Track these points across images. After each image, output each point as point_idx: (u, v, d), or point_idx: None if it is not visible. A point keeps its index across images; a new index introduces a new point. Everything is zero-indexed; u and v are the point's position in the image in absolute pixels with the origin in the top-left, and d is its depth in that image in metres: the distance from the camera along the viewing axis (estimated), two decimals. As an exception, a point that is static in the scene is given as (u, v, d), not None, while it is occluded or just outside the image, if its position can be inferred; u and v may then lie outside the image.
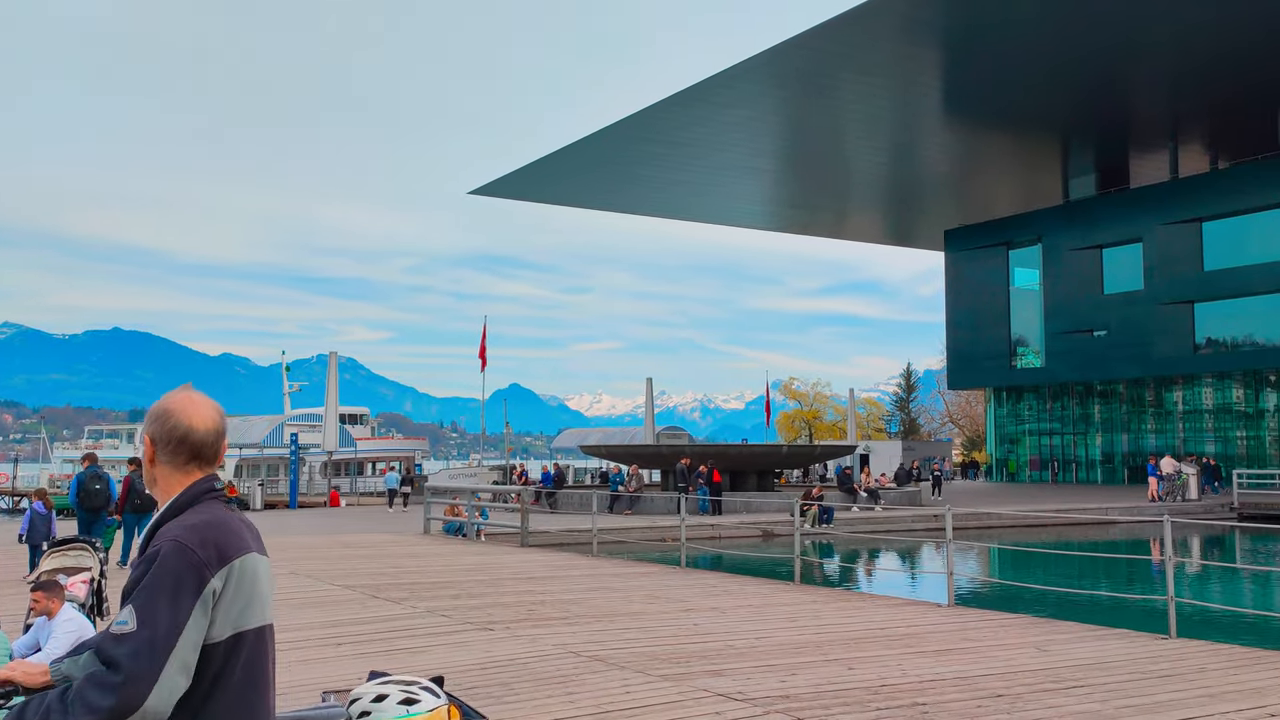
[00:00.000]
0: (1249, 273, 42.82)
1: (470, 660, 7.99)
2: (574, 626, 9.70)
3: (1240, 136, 45.29)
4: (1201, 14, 33.12)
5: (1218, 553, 26.23)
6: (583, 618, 10.28)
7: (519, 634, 9.25)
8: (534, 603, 11.40)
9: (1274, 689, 7.04)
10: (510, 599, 11.71)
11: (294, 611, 10.62)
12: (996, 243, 53.62)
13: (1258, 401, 45.79)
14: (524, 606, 11.08)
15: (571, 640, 8.90)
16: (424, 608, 10.98)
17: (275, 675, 2.61)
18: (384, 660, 7.94)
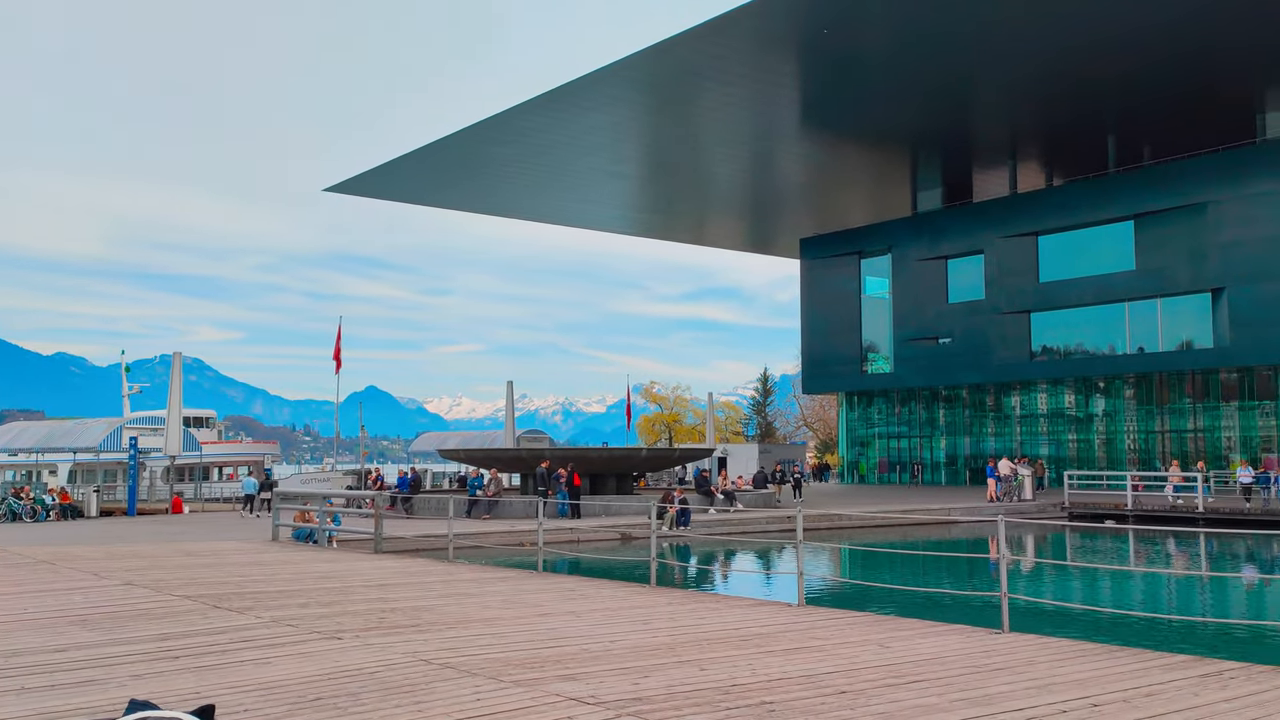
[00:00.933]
0: (1080, 285, 45.36)
1: (316, 670, 7.76)
2: (426, 634, 9.55)
3: (1074, 156, 47.97)
4: (1040, 44, 34.92)
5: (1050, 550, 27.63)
6: (435, 624, 10.13)
7: (369, 642, 9.05)
8: (385, 610, 11.17)
9: (1096, 680, 7.44)
10: (361, 607, 11.45)
11: (126, 624, 10.13)
12: (849, 252, 55.35)
13: (1088, 406, 48.53)
14: (375, 614, 10.85)
15: (423, 648, 8.75)
16: (269, 617, 10.62)
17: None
18: (221, 674, 7.64)
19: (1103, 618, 14.75)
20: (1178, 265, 42.30)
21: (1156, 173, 43.89)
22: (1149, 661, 8.21)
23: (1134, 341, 44.66)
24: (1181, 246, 42.19)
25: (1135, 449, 45.98)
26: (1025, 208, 47.92)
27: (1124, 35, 34.33)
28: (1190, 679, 7.49)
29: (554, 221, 60.17)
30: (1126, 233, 44.03)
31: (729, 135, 45.47)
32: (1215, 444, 43.24)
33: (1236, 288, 40.50)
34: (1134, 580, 20.43)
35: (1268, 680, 7.44)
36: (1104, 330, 45.71)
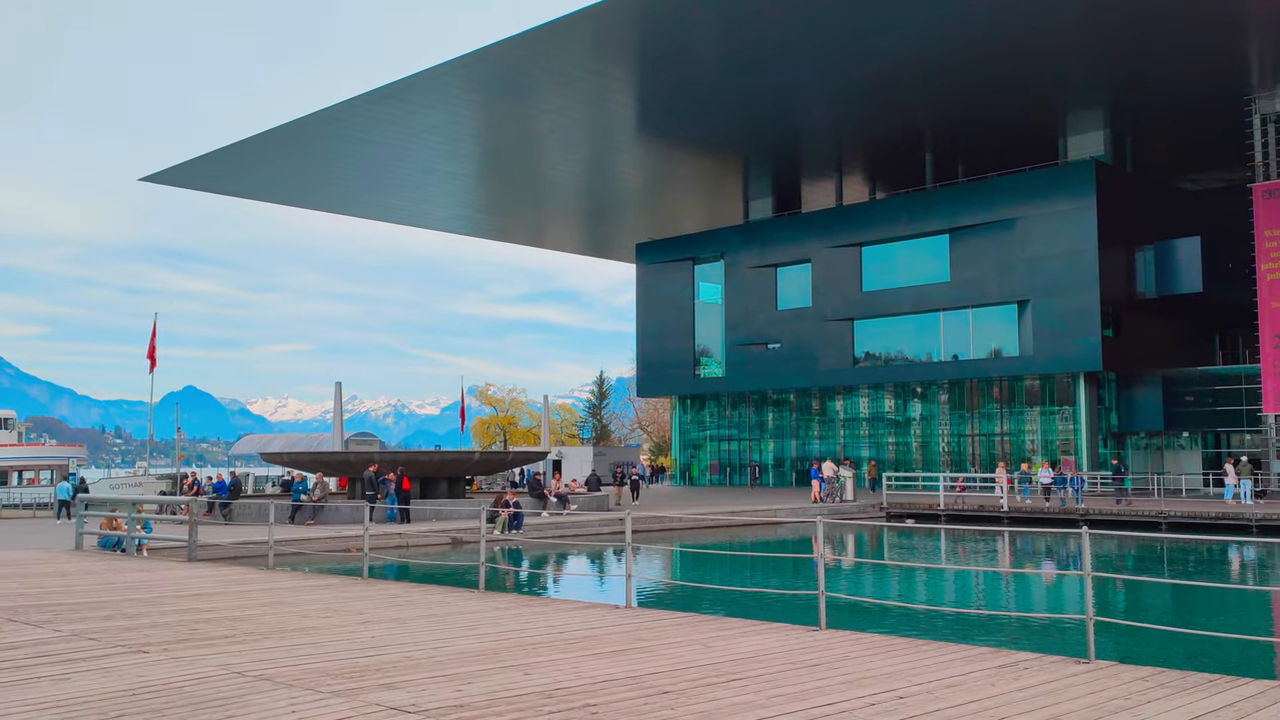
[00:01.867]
0: (899, 294, 47.48)
1: (119, 687, 7.36)
2: (241, 645, 9.18)
3: (895, 171, 50.26)
4: (863, 65, 36.43)
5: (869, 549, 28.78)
6: (251, 635, 9.75)
7: (178, 655, 8.63)
8: (198, 621, 10.69)
9: (903, 673, 7.80)
10: (171, 618, 10.92)
11: (-94, 643, 9.35)
12: (684, 257, 56.28)
13: (906, 411, 50.81)
14: (186, 625, 10.36)
15: (236, 660, 8.41)
16: (69, 630, 10.00)
17: None
18: (15, 692, 7.15)
19: (914, 613, 15.48)
20: (988, 278, 44.78)
21: (970, 189, 46.38)
22: (953, 654, 8.66)
23: (948, 349, 47.00)
24: (992, 260, 44.69)
25: (948, 451, 48.42)
26: (850, 219, 49.82)
27: (940, 61, 36.19)
28: (988, 670, 7.94)
29: (388, 219, 58.95)
30: (942, 246, 46.34)
31: (566, 139, 45.58)
32: (1020, 447, 45.97)
33: (1040, 300, 43.17)
34: (945, 576, 21.49)
35: (1059, 670, 7.96)
36: (921, 338, 47.95)
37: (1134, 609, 17.02)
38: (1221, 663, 11.20)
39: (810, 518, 29.61)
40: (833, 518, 30.29)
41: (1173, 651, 11.89)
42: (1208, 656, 11.61)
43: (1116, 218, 42.48)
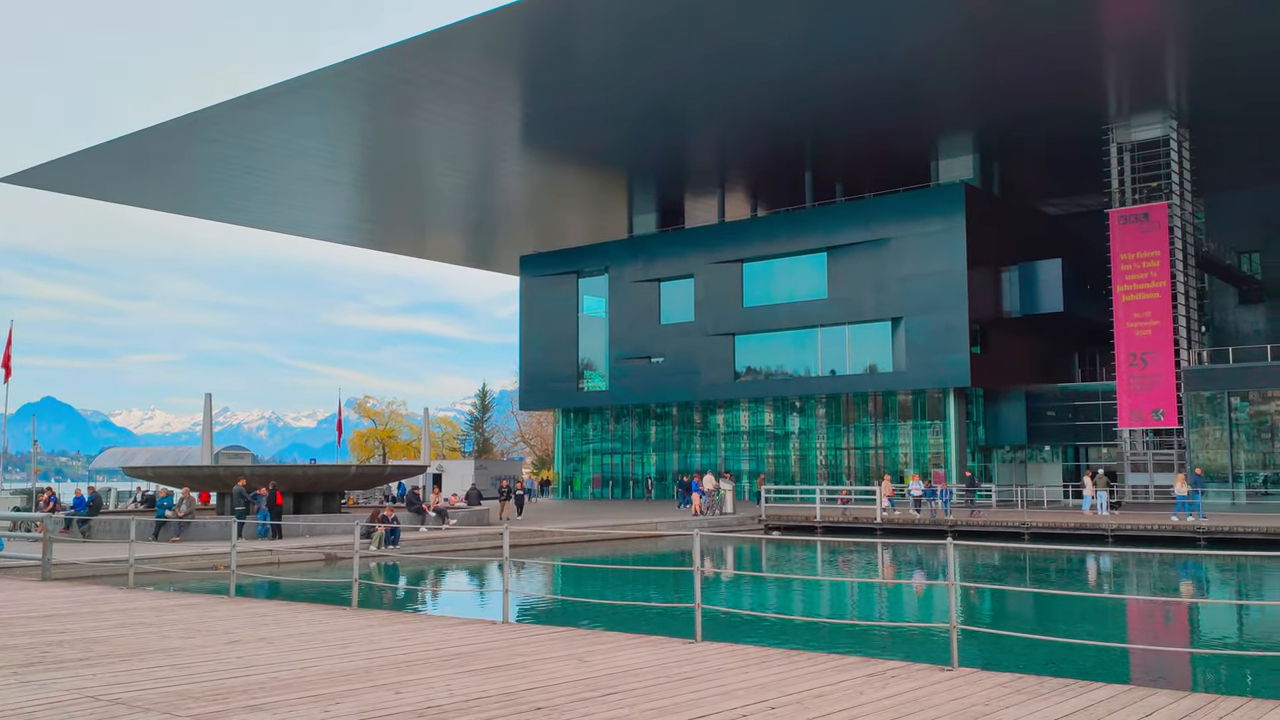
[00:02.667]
0: (779, 310, 48.38)
1: (-42, 717, 6.93)
2: (96, 668, 8.76)
3: (776, 189, 51.30)
4: (744, 86, 37.10)
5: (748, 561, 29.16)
6: (108, 657, 9.32)
7: (27, 680, 8.19)
8: (50, 643, 10.16)
9: (776, 684, 7.92)
10: (21, 640, 10.36)
11: None
12: (568, 270, 56.27)
13: (785, 425, 51.74)
14: (37, 648, 9.84)
15: (91, 683, 8.03)
16: (-95, 658, 9.39)
17: None
18: None
19: (790, 624, 15.73)
20: (864, 295, 46.00)
21: (847, 209, 47.63)
22: (825, 664, 8.83)
23: (826, 365, 48.08)
24: (867, 278, 45.93)
25: (825, 464, 49.48)
26: (732, 235, 50.58)
27: (819, 84, 37.15)
28: (858, 679, 8.11)
29: (265, 227, 57.35)
30: (820, 263, 47.43)
31: (451, 149, 45.18)
32: (893, 460, 47.30)
33: (913, 317, 44.55)
34: (821, 587, 21.91)
35: (924, 677, 8.18)
36: (800, 353, 48.93)
37: (998, 617, 17.63)
38: (1077, 668, 11.68)
39: (690, 531, 29.83)
40: (712, 531, 30.64)
41: (1033, 658, 12.37)
42: (1065, 662, 12.09)
43: (984, 239, 44.18)
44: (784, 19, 32.51)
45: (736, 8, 31.64)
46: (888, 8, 31.70)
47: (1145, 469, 41.32)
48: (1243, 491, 39.23)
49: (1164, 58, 36.48)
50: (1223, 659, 12.94)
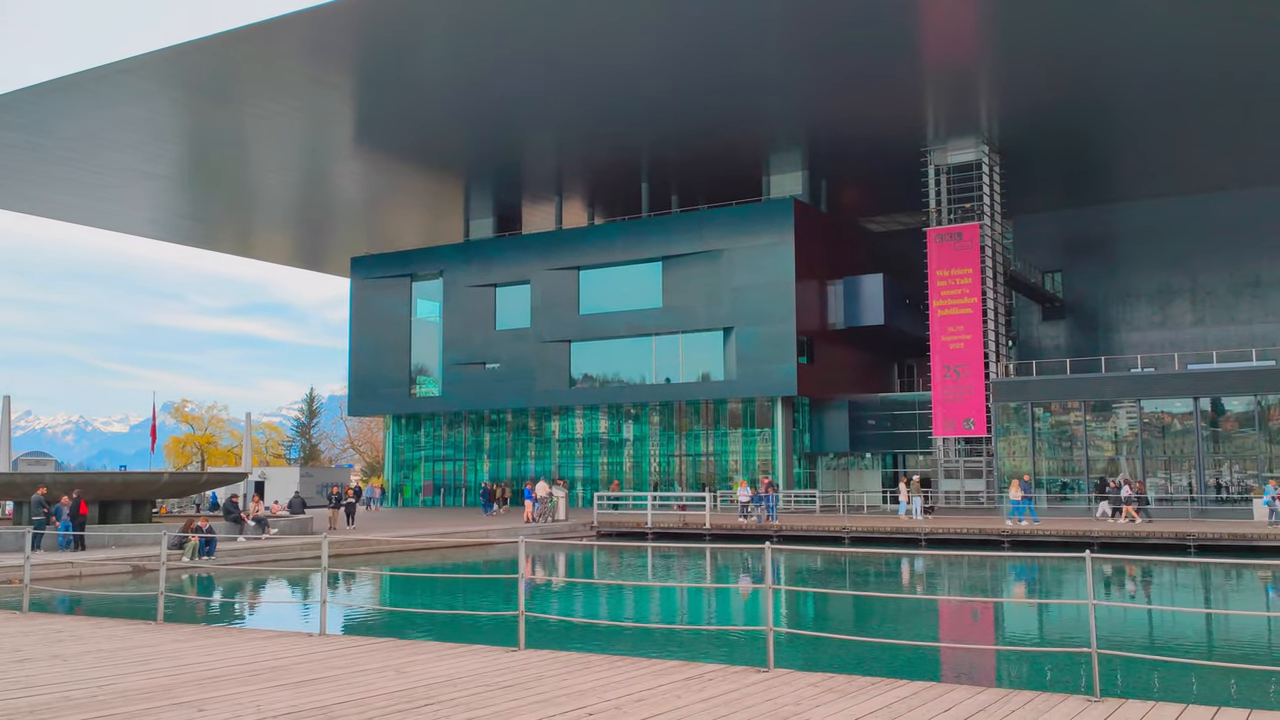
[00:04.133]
0: (615, 318, 48.70)
1: None
2: None
3: (613, 198, 51.70)
4: (582, 95, 37.26)
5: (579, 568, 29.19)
6: (-127, 683, 8.55)
7: None
8: None
9: (596, 690, 7.94)
10: None
11: None
12: (402, 273, 55.13)
13: (620, 432, 52.11)
14: None
15: None
16: None
17: None
18: None
19: (618, 629, 15.83)
20: (697, 305, 46.82)
21: (682, 219, 48.40)
22: (645, 669, 8.91)
23: (660, 373, 48.67)
24: (701, 288, 46.76)
25: (658, 471, 50.08)
26: (569, 243, 50.65)
27: (657, 97, 37.69)
28: (676, 682, 8.22)
29: (75, 220, 53.92)
30: (655, 272, 48.02)
31: (279, 145, 43.67)
32: (723, 467, 48.29)
33: (743, 327, 45.60)
34: (651, 593, 22.12)
35: (740, 679, 8.37)
36: (635, 361, 49.36)
37: (818, 619, 18.20)
38: (888, 666, 12.17)
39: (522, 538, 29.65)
40: (544, 538, 30.57)
41: (847, 658, 12.82)
42: (877, 661, 12.58)
43: (812, 253, 45.68)
44: (622, 32, 32.82)
45: (574, 18, 31.76)
46: (721, 28, 32.41)
47: (957, 475, 43.53)
48: (1043, 496, 41.78)
49: (977, 88, 38.62)
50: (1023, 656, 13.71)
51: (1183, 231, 49.36)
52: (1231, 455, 40.99)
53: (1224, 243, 48.91)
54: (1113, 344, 50.96)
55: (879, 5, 31.26)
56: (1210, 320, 50.11)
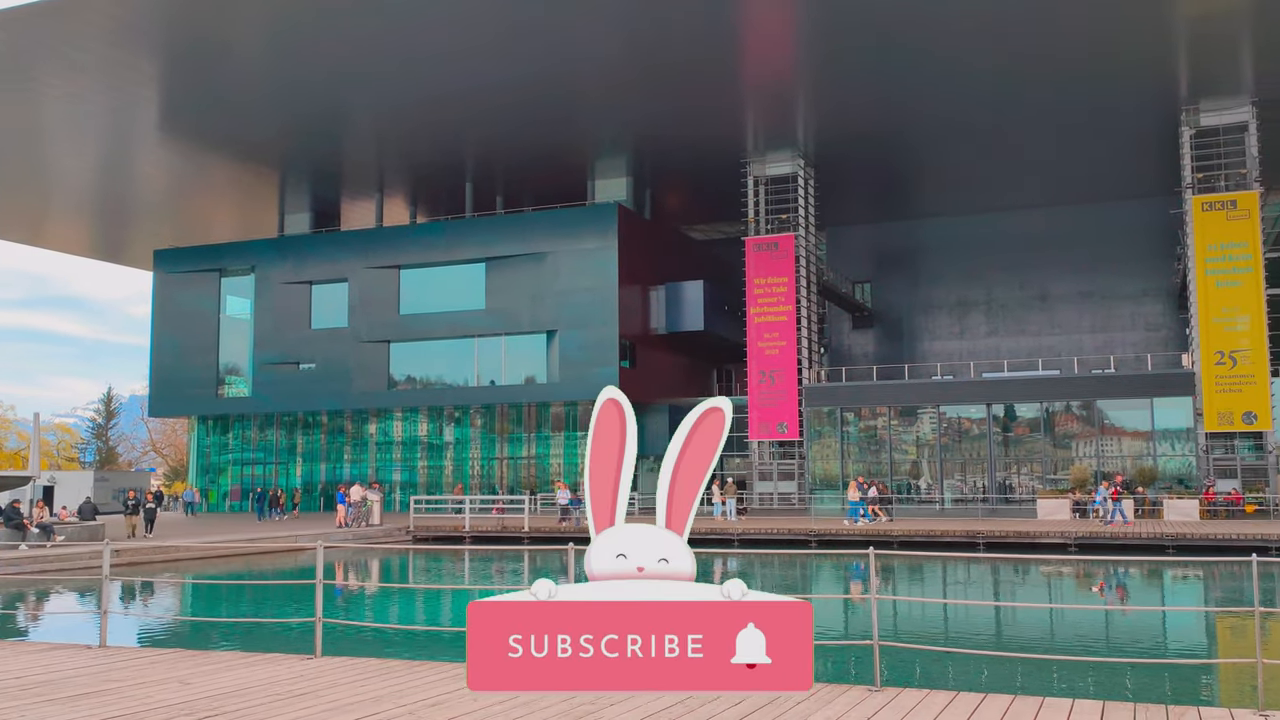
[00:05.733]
0: (437, 319, 47.94)
1: None
2: None
3: (436, 197, 50.94)
4: (404, 90, 36.61)
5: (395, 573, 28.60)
6: None
7: None
8: None
9: (392, 695, 7.80)
10: None
11: None
12: (210, 268, 52.66)
13: (440, 435, 51.34)
14: None
15: None
16: None
17: None
18: None
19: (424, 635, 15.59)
20: (521, 307, 46.62)
21: (507, 221, 48.13)
22: (446, 673, 8.81)
23: (483, 375, 48.23)
24: (525, 290, 46.59)
25: (479, 475, 49.60)
26: (390, 241, 49.57)
27: (482, 97, 37.38)
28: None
29: None
30: (479, 273, 47.56)
31: (77, 129, 41.08)
32: (544, 470, 48.26)
33: (566, 331, 45.71)
34: (465, 596, 21.87)
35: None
36: (457, 363, 48.74)
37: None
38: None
39: (333, 543, 28.83)
40: (356, 543, 29.82)
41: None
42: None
43: (635, 258, 46.23)
44: (446, 28, 32.43)
45: (395, 11, 31.17)
46: (546, 31, 32.48)
47: (771, 478, 44.91)
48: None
49: (794, 104, 40.07)
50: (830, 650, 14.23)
51: (979, 247, 52.45)
52: (1021, 459, 43.84)
53: (1016, 259, 52.25)
54: (917, 352, 53.67)
55: (701, 21, 32.00)
56: (1003, 331, 53.44)
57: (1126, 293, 51.53)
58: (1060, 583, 24.43)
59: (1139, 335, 50.79)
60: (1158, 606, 20.15)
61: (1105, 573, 24.53)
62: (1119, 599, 21.84)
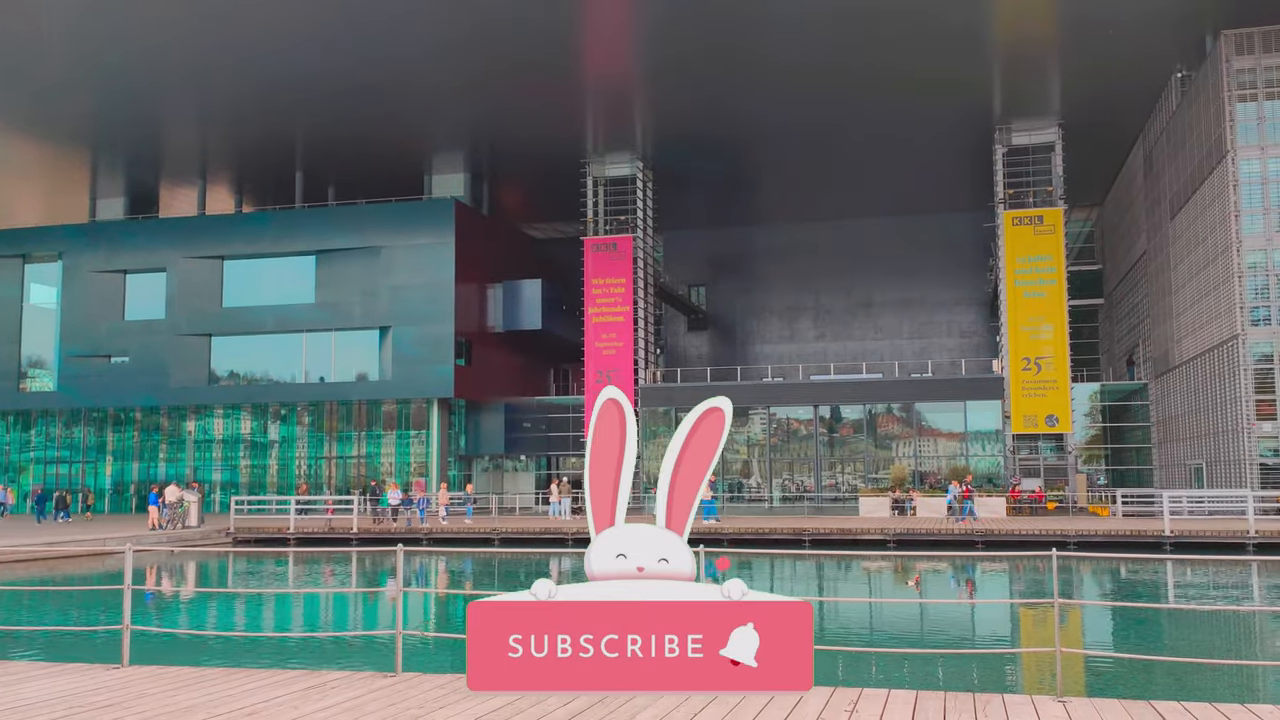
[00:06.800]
0: (263, 312, 46.13)
1: None
2: None
3: (264, 186, 49.04)
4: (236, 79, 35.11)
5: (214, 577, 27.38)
6: None
7: None
8: None
9: (205, 705, 7.44)
10: None
11: None
12: (11, 254, 49.13)
13: (265, 433, 49.43)
14: None
15: None
16: None
17: None
18: None
19: (242, 640, 14.98)
20: (353, 302, 45.38)
21: (339, 213, 46.78)
22: (264, 680, 8.47)
23: (312, 371, 46.70)
24: (357, 285, 45.35)
25: (306, 474, 47.99)
26: (213, 230, 47.39)
27: (315, 85, 36.23)
28: (296, 693, 7.88)
29: None
30: (309, 266, 46.02)
31: None
32: (375, 469, 47.11)
33: (401, 327, 44.76)
34: (287, 600, 21.12)
35: (365, 685, 8.16)
36: (284, 359, 47.03)
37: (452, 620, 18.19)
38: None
39: (145, 546, 27.41)
40: (172, 545, 28.41)
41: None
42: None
43: (473, 255, 45.68)
44: (277, 10, 31.26)
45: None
46: (382, 20, 31.72)
47: (606, 477, 45.13)
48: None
49: (633, 107, 40.46)
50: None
51: (808, 255, 54.17)
52: (845, 458, 45.51)
53: (843, 266, 54.25)
54: (749, 355, 55.03)
55: (540, 17, 31.91)
56: (830, 336, 55.41)
57: (944, 301, 54.23)
58: (879, 578, 25.47)
59: (955, 341, 53.52)
60: (967, 600, 21.24)
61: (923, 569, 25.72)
62: (929, 592, 22.92)
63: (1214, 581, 23.15)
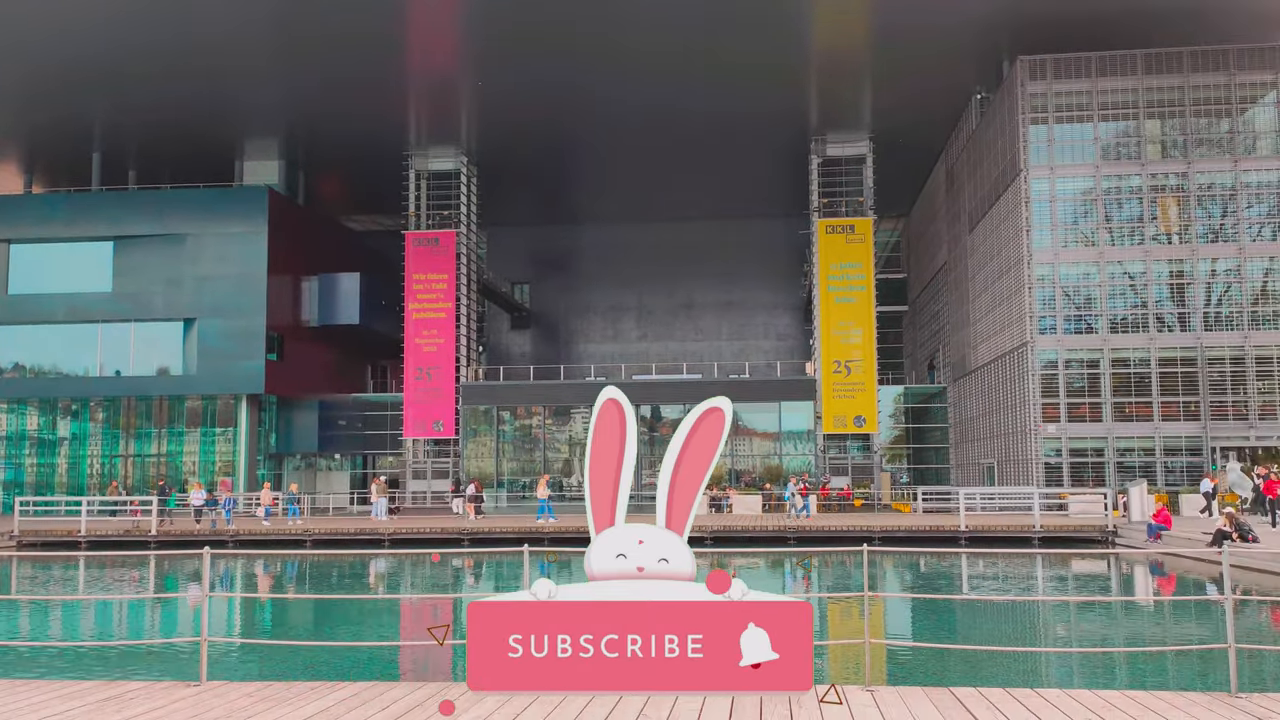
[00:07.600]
0: (54, 300, 43.11)
1: None
2: None
3: (57, 166, 45.85)
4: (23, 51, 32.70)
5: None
6: None
7: None
8: None
9: (-15, 722, 6.89)
10: None
11: None
12: None
13: (54, 429, 46.19)
14: None
15: None
16: None
17: None
18: None
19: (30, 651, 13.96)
20: (155, 292, 42.95)
21: (140, 197, 44.20)
22: (54, 692, 7.92)
23: (108, 365, 43.96)
24: (160, 274, 42.95)
25: (99, 473, 45.11)
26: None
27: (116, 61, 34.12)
28: (91, 705, 7.40)
29: None
30: (106, 253, 43.30)
31: None
32: (178, 468, 44.75)
33: (207, 319, 42.66)
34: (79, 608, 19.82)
35: (167, 695, 7.72)
36: (77, 350, 44.11)
37: (276, 625, 17.47)
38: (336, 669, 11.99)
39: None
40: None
41: (295, 664, 12.42)
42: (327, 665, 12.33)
43: (287, 246, 44.00)
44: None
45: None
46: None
47: (425, 476, 44.36)
48: (504, 495, 43.98)
49: (457, 101, 39.85)
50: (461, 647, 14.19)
51: (633, 255, 54.79)
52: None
53: (665, 268, 55.11)
54: (572, 354, 55.18)
55: (361, 7, 31.04)
56: (653, 336, 56.19)
57: (761, 304, 55.86)
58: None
59: (771, 344, 55.22)
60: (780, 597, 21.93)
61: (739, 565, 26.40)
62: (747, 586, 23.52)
63: (1003, 573, 24.69)
